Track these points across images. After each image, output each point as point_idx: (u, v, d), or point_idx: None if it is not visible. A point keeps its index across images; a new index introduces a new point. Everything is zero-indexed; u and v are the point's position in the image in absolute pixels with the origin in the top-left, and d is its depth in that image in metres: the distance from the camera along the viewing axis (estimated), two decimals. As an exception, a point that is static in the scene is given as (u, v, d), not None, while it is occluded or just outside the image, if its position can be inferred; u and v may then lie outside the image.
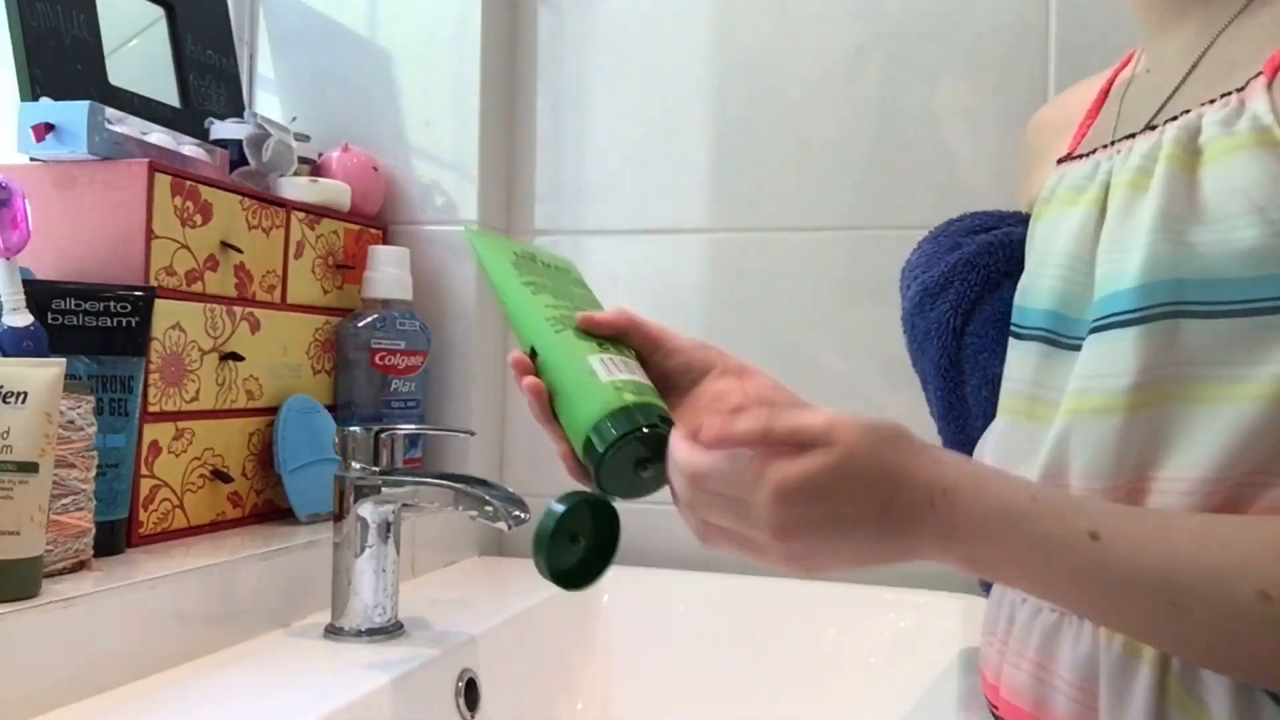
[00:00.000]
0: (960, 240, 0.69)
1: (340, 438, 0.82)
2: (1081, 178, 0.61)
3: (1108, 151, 0.60)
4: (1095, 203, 0.58)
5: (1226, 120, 0.52)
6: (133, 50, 1.00)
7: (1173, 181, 0.52)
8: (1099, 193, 0.58)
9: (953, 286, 0.68)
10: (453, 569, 1.11)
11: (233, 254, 0.93)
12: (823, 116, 1.13)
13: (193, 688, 0.70)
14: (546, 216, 1.23)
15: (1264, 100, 0.50)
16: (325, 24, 1.21)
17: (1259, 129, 0.50)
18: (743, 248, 1.15)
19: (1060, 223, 0.61)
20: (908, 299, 0.72)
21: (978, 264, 0.67)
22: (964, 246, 0.68)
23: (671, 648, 1.03)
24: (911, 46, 1.11)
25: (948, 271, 0.68)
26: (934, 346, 0.67)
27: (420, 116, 1.18)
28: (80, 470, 0.72)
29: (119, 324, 0.78)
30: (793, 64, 1.14)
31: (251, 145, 1.01)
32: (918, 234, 0.79)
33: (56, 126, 0.83)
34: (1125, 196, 0.55)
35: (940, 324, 0.67)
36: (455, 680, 0.82)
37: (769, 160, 1.15)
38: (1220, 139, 0.51)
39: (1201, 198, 0.51)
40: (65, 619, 0.65)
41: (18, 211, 0.71)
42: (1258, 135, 0.50)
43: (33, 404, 0.66)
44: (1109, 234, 0.56)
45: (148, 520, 0.85)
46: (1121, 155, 0.58)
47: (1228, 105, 0.52)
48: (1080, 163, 0.62)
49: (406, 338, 1.08)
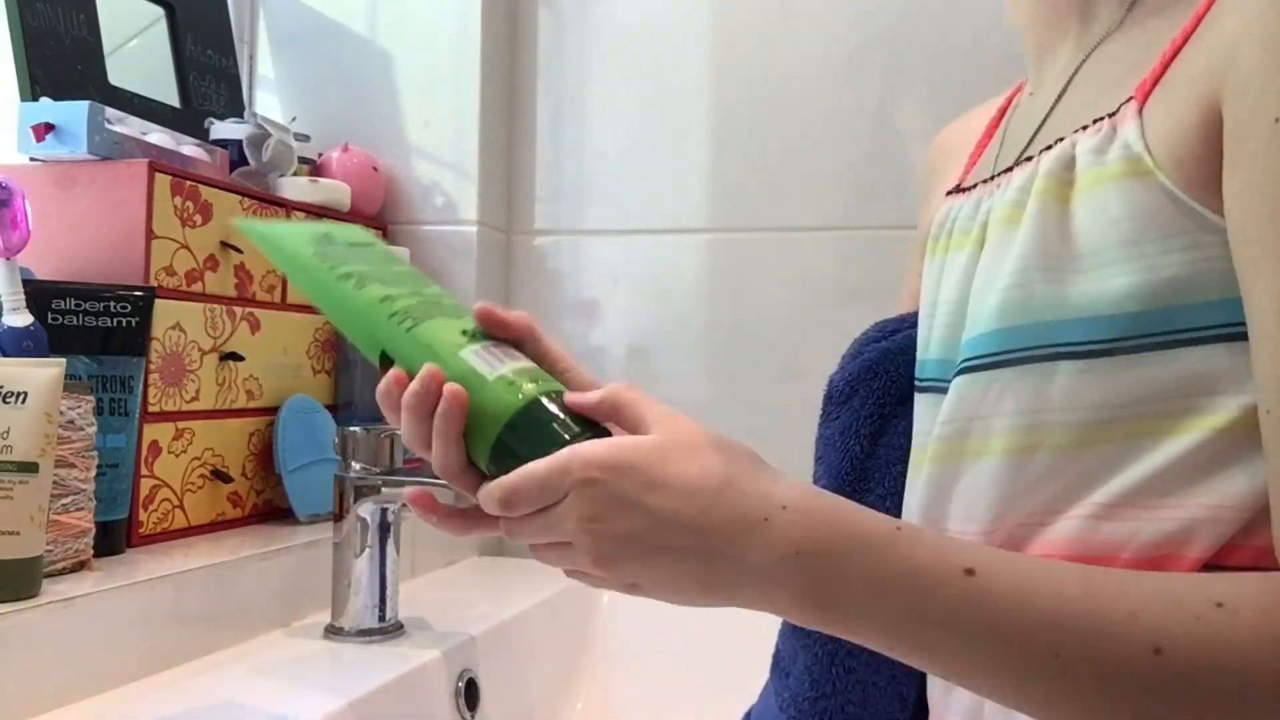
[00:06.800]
0: (862, 349, 0.67)
1: (340, 438, 0.82)
2: (966, 219, 0.59)
3: (988, 187, 0.58)
4: (976, 243, 0.57)
5: (1099, 148, 0.50)
6: (133, 50, 1.00)
7: (1044, 216, 0.50)
8: (979, 233, 0.57)
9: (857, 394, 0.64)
10: (453, 569, 1.11)
11: (233, 254, 0.93)
12: (822, 117, 1.13)
13: (193, 688, 0.70)
14: (546, 216, 1.23)
15: (1134, 127, 0.48)
16: (325, 24, 1.21)
17: (1130, 157, 0.48)
18: (743, 248, 1.15)
19: (947, 268, 0.59)
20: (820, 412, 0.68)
21: (879, 370, 0.63)
22: (864, 354, 0.66)
23: (671, 648, 1.03)
24: (910, 47, 1.11)
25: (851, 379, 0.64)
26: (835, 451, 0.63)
27: (420, 116, 1.18)
28: (80, 470, 0.72)
29: (119, 324, 0.78)
30: (792, 65, 1.14)
31: (251, 145, 1.01)
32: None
33: (56, 126, 0.83)
34: (999, 233, 0.54)
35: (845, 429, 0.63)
36: (455, 680, 0.82)
37: (768, 160, 1.15)
38: (1092, 168, 0.49)
39: (1073, 231, 0.49)
40: (65, 619, 0.65)
41: (18, 211, 0.71)
42: (1129, 164, 0.47)
43: (33, 404, 0.66)
44: (981, 273, 0.54)
45: (148, 520, 0.85)
46: (1000, 190, 0.56)
47: (1100, 131, 0.50)
48: (965, 199, 0.61)
49: (406, 338, 1.08)
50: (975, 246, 0.56)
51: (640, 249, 1.19)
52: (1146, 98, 0.49)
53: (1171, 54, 0.48)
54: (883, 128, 1.11)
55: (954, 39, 1.09)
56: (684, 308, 1.17)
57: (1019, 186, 0.53)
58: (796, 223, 1.13)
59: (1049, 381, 0.48)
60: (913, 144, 1.10)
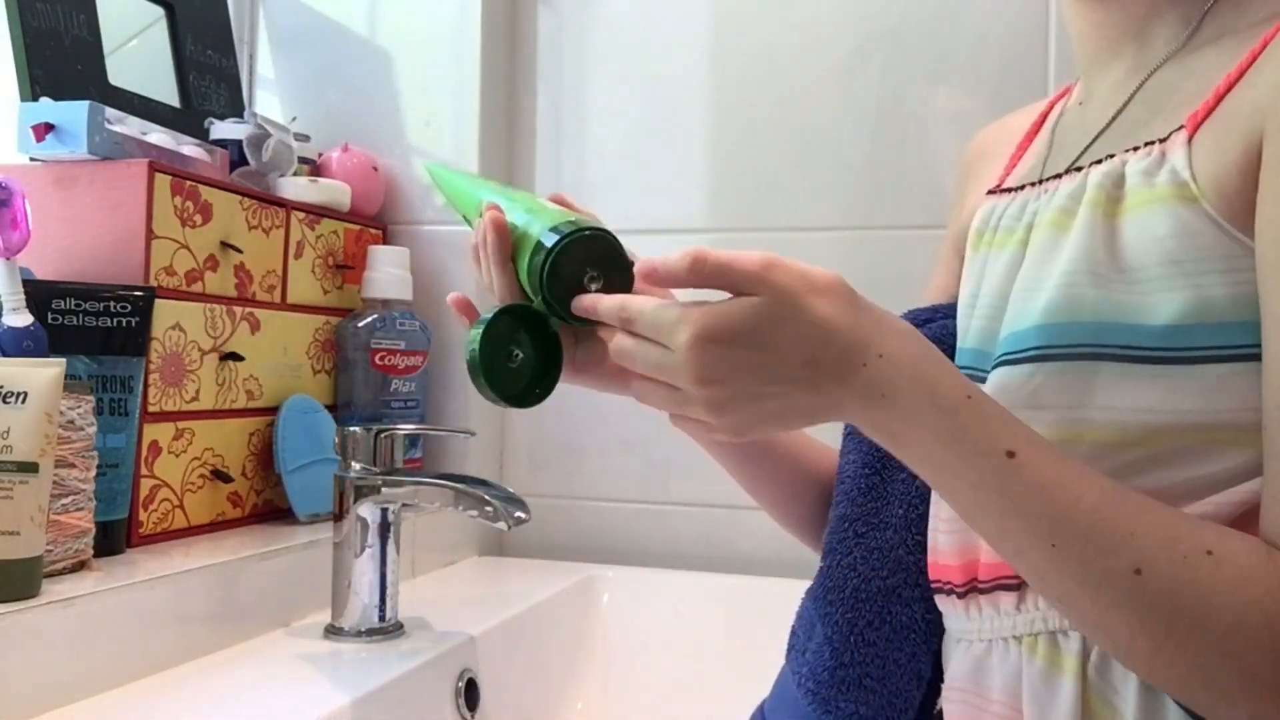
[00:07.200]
0: None
1: (340, 438, 0.82)
2: (1011, 218, 0.62)
3: (1035, 190, 0.61)
4: (1021, 243, 0.59)
5: (1148, 170, 0.52)
6: (133, 50, 1.00)
7: (1094, 226, 0.53)
8: (1024, 234, 0.59)
9: None
10: (453, 569, 1.11)
11: (233, 254, 0.93)
12: (822, 116, 1.13)
13: (193, 688, 0.70)
14: (546, 216, 1.22)
15: (1183, 155, 0.51)
16: (325, 24, 1.21)
17: (1177, 183, 0.51)
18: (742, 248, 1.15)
19: (991, 264, 0.62)
20: None
21: None
22: None
23: (671, 648, 1.03)
24: (911, 46, 1.11)
25: None
26: None
27: (420, 116, 1.18)
28: (80, 470, 0.72)
29: (119, 324, 0.78)
30: (792, 64, 1.15)
31: (251, 145, 1.01)
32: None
33: (56, 126, 0.83)
34: (1047, 236, 0.57)
35: None
36: (455, 680, 0.82)
37: (769, 160, 1.15)
38: (1141, 189, 0.52)
39: (1121, 245, 0.52)
40: (65, 619, 0.65)
41: (18, 211, 0.71)
42: (1176, 190, 0.51)
43: (33, 404, 0.66)
44: (1027, 271, 0.57)
45: (148, 520, 0.85)
46: (1048, 195, 0.59)
47: (1150, 155, 0.53)
48: (1009, 200, 0.63)
49: (406, 338, 1.08)
50: (1020, 246, 0.59)
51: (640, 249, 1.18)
52: (1197, 129, 0.51)
53: (1225, 89, 0.51)
54: (883, 127, 1.11)
55: (955, 38, 1.09)
56: (684, 308, 1.17)
57: (1068, 194, 0.56)
58: (796, 223, 1.13)
59: (1092, 379, 0.51)
60: (913, 143, 1.10)
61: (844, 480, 0.67)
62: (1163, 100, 0.56)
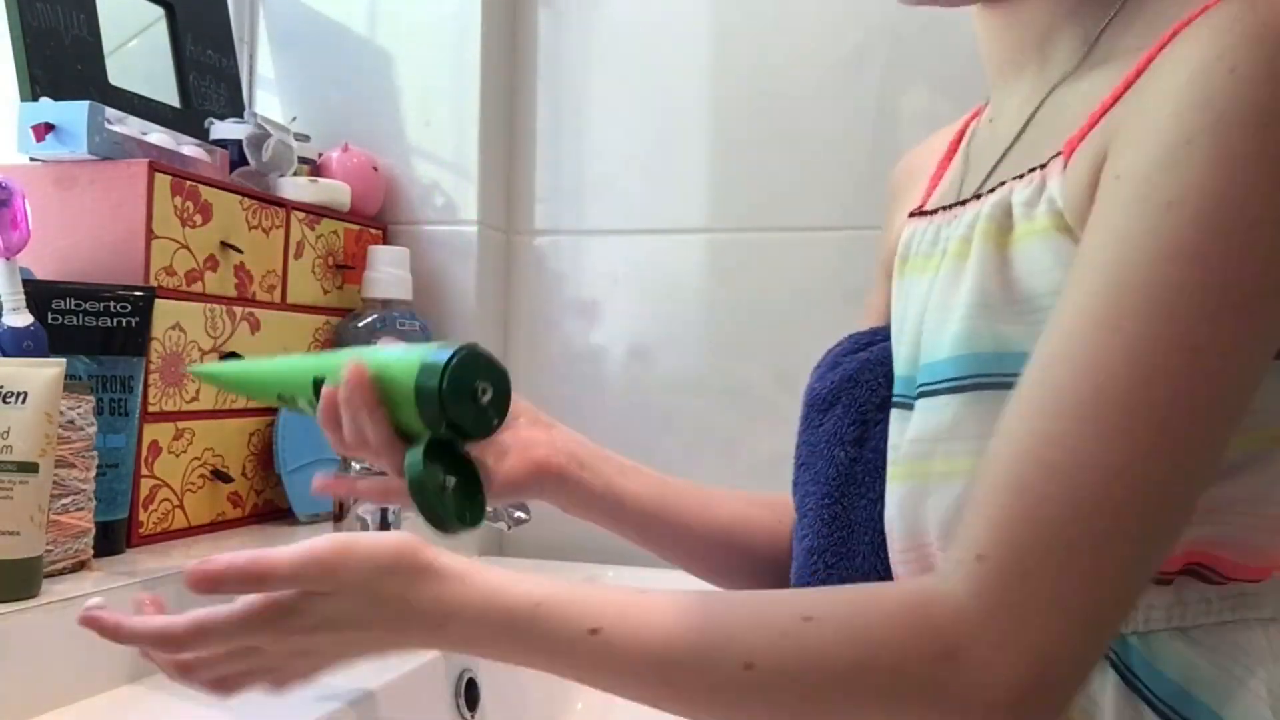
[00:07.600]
0: (840, 360, 0.68)
1: (340, 438, 0.82)
2: (928, 244, 0.61)
3: (947, 215, 0.60)
4: (935, 270, 0.58)
5: (1029, 201, 0.51)
6: (133, 50, 1.00)
7: (985, 258, 0.53)
8: (938, 260, 0.58)
9: (839, 402, 0.66)
10: (453, 569, 1.11)
11: (233, 254, 0.93)
12: (821, 117, 1.13)
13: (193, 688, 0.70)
14: (546, 216, 1.23)
15: (1058, 183, 0.50)
16: (325, 24, 1.21)
17: (1053, 213, 0.50)
18: (743, 248, 1.15)
19: (913, 289, 0.61)
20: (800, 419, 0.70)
21: (860, 379, 0.65)
22: (844, 365, 0.67)
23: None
24: (910, 46, 1.11)
25: (833, 387, 0.66)
26: (821, 459, 0.65)
27: (420, 116, 1.18)
28: (80, 470, 0.72)
29: (119, 324, 0.78)
30: (791, 64, 1.14)
31: (251, 145, 1.01)
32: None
33: (56, 126, 0.83)
34: (952, 265, 0.56)
35: (830, 436, 0.65)
36: (455, 680, 0.82)
37: (768, 160, 1.15)
38: (1024, 221, 0.51)
39: (1013, 277, 0.51)
40: (65, 619, 0.65)
41: (18, 211, 0.71)
42: (1053, 220, 0.50)
43: (33, 404, 0.66)
44: (935, 300, 0.56)
45: (148, 520, 0.85)
46: (956, 221, 0.58)
47: (1031, 184, 0.52)
48: (928, 224, 0.62)
49: (406, 338, 1.08)
50: (934, 273, 0.58)
51: (640, 249, 1.19)
52: (1072, 154, 0.50)
53: (1100, 113, 0.49)
54: (883, 127, 1.11)
55: (954, 38, 1.09)
56: (684, 308, 1.17)
57: (968, 223, 0.55)
58: (796, 223, 1.13)
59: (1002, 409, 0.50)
60: (912, 144, 1.10)
61: (806, 514, 0.65)
62: (1053, 122, 0.55)
